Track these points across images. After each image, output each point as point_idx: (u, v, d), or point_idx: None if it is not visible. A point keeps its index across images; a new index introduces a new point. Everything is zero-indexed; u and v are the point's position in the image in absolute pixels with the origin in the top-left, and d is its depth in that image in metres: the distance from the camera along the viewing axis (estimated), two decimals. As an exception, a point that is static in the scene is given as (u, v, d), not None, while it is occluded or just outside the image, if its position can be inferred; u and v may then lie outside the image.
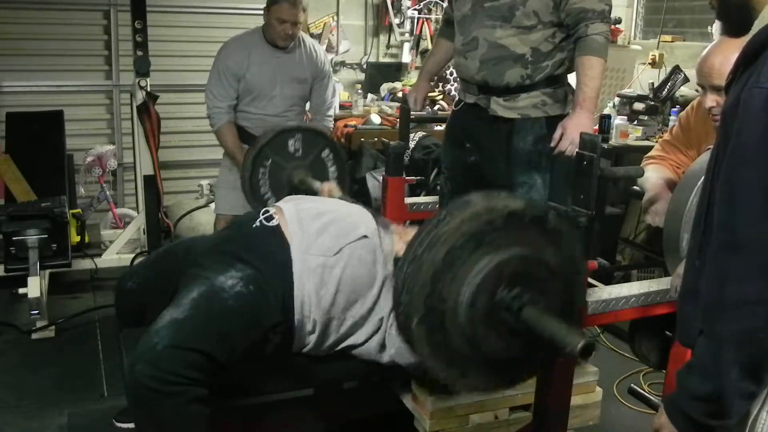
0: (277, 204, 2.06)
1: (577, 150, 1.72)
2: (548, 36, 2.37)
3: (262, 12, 3.13)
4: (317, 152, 2.77)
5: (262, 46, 3.11)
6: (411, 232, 1.99)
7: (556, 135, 2.28)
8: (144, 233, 3.94)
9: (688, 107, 2.18)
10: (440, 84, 4.88)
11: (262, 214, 1.98)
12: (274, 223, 1.94)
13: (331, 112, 3.41)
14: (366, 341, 1.94)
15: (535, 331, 1.29)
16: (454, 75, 4.50)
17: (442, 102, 4.76)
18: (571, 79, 2.45)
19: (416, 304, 1.31)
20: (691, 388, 1.13)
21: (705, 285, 1.12)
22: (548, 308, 1.33)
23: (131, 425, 2.15)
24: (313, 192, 2.51)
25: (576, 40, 2.33)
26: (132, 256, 3.91)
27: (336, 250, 1.88)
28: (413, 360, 1.86)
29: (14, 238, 3.16)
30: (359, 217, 2.02)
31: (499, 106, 2.43)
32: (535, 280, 1.35)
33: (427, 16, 5.10)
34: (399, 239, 1.99)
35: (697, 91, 2.14)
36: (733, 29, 1.23)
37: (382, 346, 1.95)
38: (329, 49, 4.85)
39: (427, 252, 1.30)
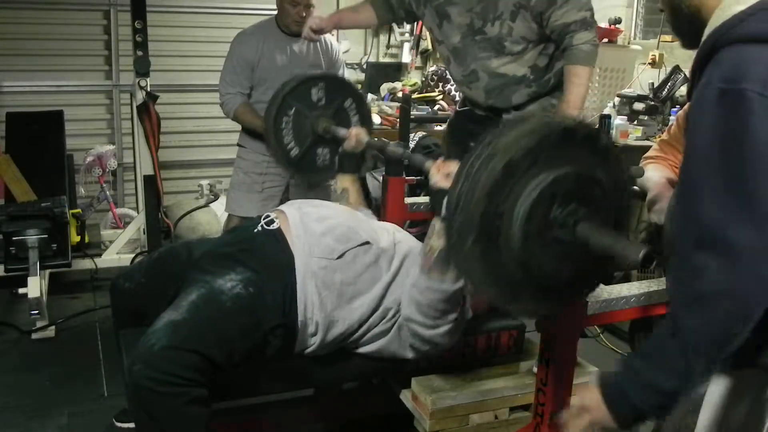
0: (279, 208, 2.06)
1: None
2: (541, 50, 2.47)
3: (262, 12, 3.12)
4: (340, 101, 2.72)
5: (276, 34, 3.09)
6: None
7: None
8: (144, 233, 3.94)
9: (686, 106, 2.18)
10: (440, 84, 4.87)
11: (263, 219, 1.98)
12: (274, 226, 1.95)
13: None
14: (378, 340, 1.94)
15: (592, 245, 1.27)
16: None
17: (442, 102, 4.76)
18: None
19: (472, 221, 1.27)
20: (653, 381, 1.12)
21: (670, 282, 1.15)
22: (603, 224, 1.31)
23: (131, 425, 2.15)
24: (339, 138, 2.45)
25: (563, 50, 2.42)
26: (132, 256, 3.91)
27: (339, 253, 1.88)
28: (441, 342, 1.87)
29: (14, 238, 3.15)
30: (362, 222, 2.02)
31: (510, 116, 2.54)
32: (588, 197, 1.33)
33: (427, 16, 5.09)
34: None
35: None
36: (686, 41, 1.24)
37: (402, 341, 1.93)
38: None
39: (485, 166, 1.26)
